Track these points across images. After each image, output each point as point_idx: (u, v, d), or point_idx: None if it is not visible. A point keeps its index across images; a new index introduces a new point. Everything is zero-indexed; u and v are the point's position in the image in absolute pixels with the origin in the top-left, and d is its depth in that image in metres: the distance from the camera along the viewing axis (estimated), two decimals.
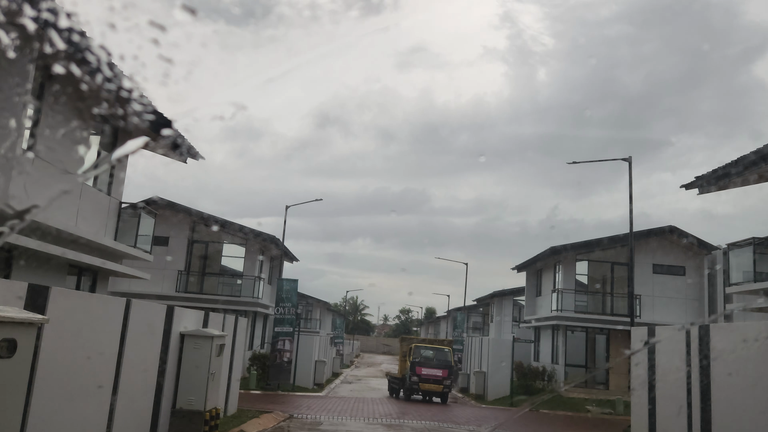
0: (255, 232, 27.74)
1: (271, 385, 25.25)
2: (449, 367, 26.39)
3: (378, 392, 30.05)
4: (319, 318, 62.65)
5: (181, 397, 9.08)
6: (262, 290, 29.48)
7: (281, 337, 25.36)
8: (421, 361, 26.05)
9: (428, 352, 27.14)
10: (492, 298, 44.17)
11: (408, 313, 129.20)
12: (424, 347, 27.66)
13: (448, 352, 27.56)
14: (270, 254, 31.95)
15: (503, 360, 27.56)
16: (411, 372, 25.71)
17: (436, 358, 26.50)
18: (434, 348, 27.81)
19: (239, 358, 14.82)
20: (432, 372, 25.71)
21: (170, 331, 8.83)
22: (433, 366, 25.93)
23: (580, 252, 28.57)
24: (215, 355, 9.39)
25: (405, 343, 30.19)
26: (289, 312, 25.53)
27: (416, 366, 25.77)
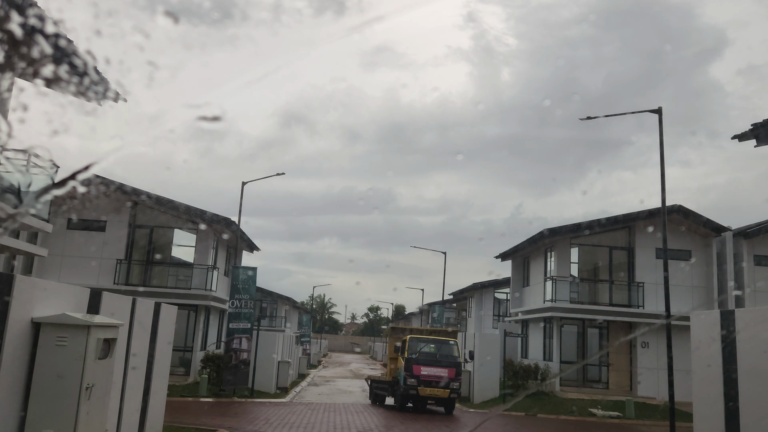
0: (207, 215, 23.97)
1: (226, 391, 21.58)
2: (456, 365, 21.03)
3: (350, 396, 26.59)
4: (284, 315, 58.92)
5: (31, 428, 5.45)
6: (217, 282, 25.72)
7: (237, 335, 21.70)
8: (421, 358, 20.88)
9: (429, 345, 21.64)
10: (470, 292, 41.07)
11: (377, 311, 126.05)
12: (423, 339, 22.05)
13: (454, 346, 21.88)
14: (226, 242, 28.19)
15: (491, 357, 24.36)
16: (407, 372, 20.45)
17: (439, 354, 21.28)
18: (437, 340, 22.03)
19: (163, 360, 11.19)
20: (435, 372, 20.44)
21: (7, 316, 5.22)
22: (437, 364, 20.71)
23: (576, 236, 25.56)
24: (95, 357, 5.78)
25: (396, 335, 24.12)
26: (246, 305, 21.88)
27: (414, 365, 20.53)
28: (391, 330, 24.55)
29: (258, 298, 56.52)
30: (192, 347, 25.00)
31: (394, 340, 23.38)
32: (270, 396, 23.17)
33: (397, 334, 24.15)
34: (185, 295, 24.65)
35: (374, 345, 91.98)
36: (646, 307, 24.62)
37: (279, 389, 25.19)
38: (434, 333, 24.05)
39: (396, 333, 24.42)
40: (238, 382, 21.66)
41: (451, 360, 21.17)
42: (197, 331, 25.11)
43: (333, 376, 41.07)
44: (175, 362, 25.10)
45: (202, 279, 24.95)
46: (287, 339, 30.02)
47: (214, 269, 25.45)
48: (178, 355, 25.39)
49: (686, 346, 25.45)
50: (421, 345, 21.60)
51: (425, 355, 21.14)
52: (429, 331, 24.47)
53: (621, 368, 25.24)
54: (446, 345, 21.88)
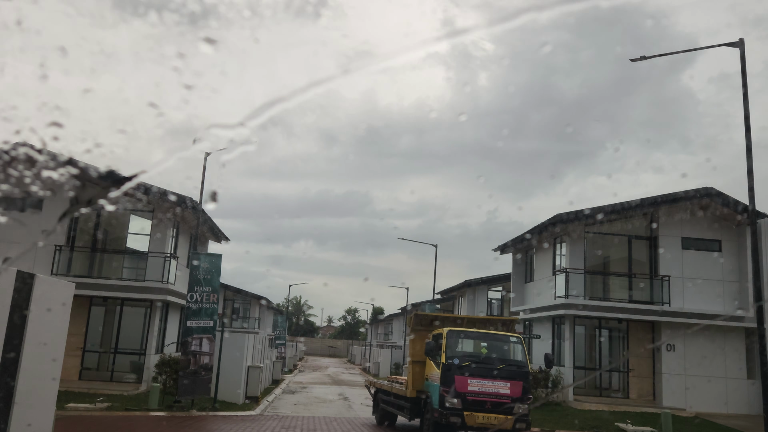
0: (163, 193, 20.25)
1: (182, 402, 17.93)
2: (524, 376, 13.67)
3: (330, 406, 23.07)
4: (258, 317, 55.13)
5: None
6: (176, 274, 22.04)
7: (196, 335, 18.05)
8: (468, 364, 13.53)
9: (479, 344, 14.43)
10: (461, 290, 37.80)
11: (355, 313, 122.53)
12: (471, 334, 14.65)
13: (519, 345, 14.37)
14: (189, 230, 24.48)
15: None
16: (445, 387, 13.25)
17: (496, 358, 13.95)
18: (490, 336, 14.59)
19: (47, 354, 7.59)
20: (492, 388, 13.26)
21: None
22: (493, 375, 13.43)
23: (591, 224, 22.38)
24: None
25: (422, 326, 16.01)
26: (208, 299, 18.25)
27: (457, 375, 13.30)
28: (414, 318, 15.97)
29: (230, 297, 53.12)
30: (145, 350, 21.27)
31: (418, 334, 15.79)
32: (237, 408, 19.55)
33: (423, 324, 15.96)
34: (138, 288, 20.95)
35: (352, 348, 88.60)
36: (673, 305, 21.52)
37: (248, 399, 21.56)
38: (484, 324, 16.14)
39: (422, 323, 15.99)
40: (198, 392, 18.02)
41: (515, 368, 13.73)
42: (151, 331, 21.39)
43: (310, 381, 37.46)
44: (125, 368, 21.37)
45: (159, 270, 21.25)
46: (259, 341, 26.41)
47: (173, 258, 21.76)
48: (128, 360, 21.66)
49: (719, 350, 22.58)
50: (467, 342, 14.45)
51: (474, 360, 13.78)
52: (477, 321, 16.51)
53: (643, 374, 22.09)
54: (506, 343, 14.30)
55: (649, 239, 22.75)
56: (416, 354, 15.59)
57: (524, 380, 13.57)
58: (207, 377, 18.19)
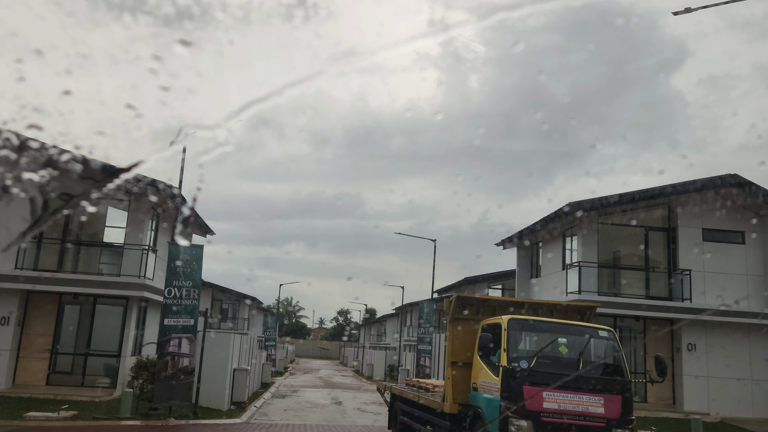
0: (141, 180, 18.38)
1: (159, 410, 16.12)
2: (623, 386, 9.50)
3: (323, 411, 21.29)
4: (247, 317, 53.28)
5: None
6: (154, 268, 20.21)
7: (175, 335, 16.23)
8: (545, 371, 9.55)
9: (556, 340, 10.10)
10: (460, 288, 36.12)
11: (347, 314, 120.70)
12: (543, 324, 10.41)
13: (611, 343, 10.19)
14: (171, 221, 22.64)
15: None
16: (508, 401, 9.25)
17: (584, 363, 9.99)
18: (570, 329, 10.35)
19: None
20: (579, 405, 9.17)
21: None
22: (582, 386, 9.33)
23: (605, 213, 20.75)
24: None
25: (466, 314, 11.49)
26: (188, 295, 16.44)
27: (527, 385, 9.29)
28: (455, 302, 11.46)
29: (218, 298, 51.21)
30: (120, 351, 19.41)
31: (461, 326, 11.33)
32: (221, 415, 17.75)
33: (468, 311, 11.46)
34: (113, 283, 19.09)
35: (344, 350, 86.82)
36: (694, 301, 19.90)
37: (234, 405, 19.77)
38: (550, 311, 11.57)
39: (466, 309, 11.49)
40: (176, 398, 16.21)
41: (610, 375, 9.73)
42: (128, 331, 19.54)
43: (301, 384, 35.65)
44: (99, 371, 19.51)
45: (136, 264, 19.40)
46: (247, 342, 24.60)
47: (151, 251, 19.91)
48: (102, 362, 19.81)
49: (744, 349, 20.99)
50: (538, 337, 10.47)
51: (553, 364, 9.90)
52: (542, 307, 11.65)
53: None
54: (592, 339, 10.08)
55: (667, 231, 21.14)
56: (457, 353, 11.11)
57: (624, 393, 9.32)
58: (187, 381, 16.38)
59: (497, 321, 10.22)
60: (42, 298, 19.32)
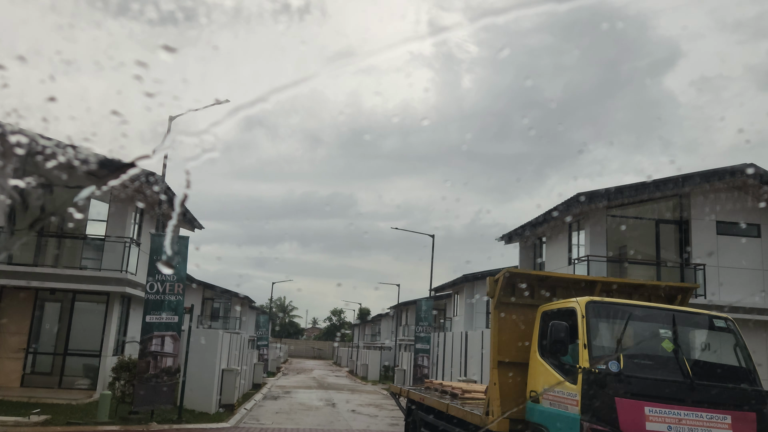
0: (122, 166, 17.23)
1: (140, 413, 14.94)
2: (757, 400, 6.86)
3: (317, 414, 20.16)
4: (239, 317, 52.07)
5: None
6: (137, 262, 19.02)
7: (157, 332, 15.05)
8: (643, 377, 6.80)
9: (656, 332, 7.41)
10: (458, 286, 35.06)
11: (341, 314, 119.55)
12: (639, 310, 7.51)
13: (730, 335, 7.41)
14: (156, 213, 21.43)
15: None
16: (592, 419, 6.59)
17: (695, 362, 7.24)
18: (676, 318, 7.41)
19: None
20: (698, 424, 6.50)
21: None
22: (699, 398, 6.65)
23: (615, 205, 19.71)
24: None
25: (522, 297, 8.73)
26: (172, 290, 15.26)
27: (625, 397, 6.57)
28: (504, 281, 8.57)
29: (209, 296, 49.98)
30: (100, 351, 18.21)
31: (513, 312, 8.63)
32: (208, 419, 16.59)
33: (520, 294, 8.78)
34: (93, 278, 17.90)
35: (338, 350, 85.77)
36: (708, 297, 18.88)
37: (222, 407, 18.62)
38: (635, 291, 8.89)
39: (520, 290, 8.80)
40: (159, 400, 15.03)
41: (733, 383, 7.12)
42: (109, 329, 18.34)
43: (294, 385, 34.50)
44: (77, 372, 18.31)
45: (117, 257, 18.21)
46: (237, 340, 23.44)
47: (134, 244, 18.72)
48: (81, 363, 18.60)
49: (760, 346, 19.96)
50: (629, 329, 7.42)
51: (652, 366, 7.15)
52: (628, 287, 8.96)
53: None
54: (707, 333, 7.83)
55: (679, 224, 20.12)
56: (506, 349, 8.43)
57: (759, 408, 6.80)
58: (170, 383, 15.21)
59: (568, 305, 7.51)
60: (16, 294, 18.11)
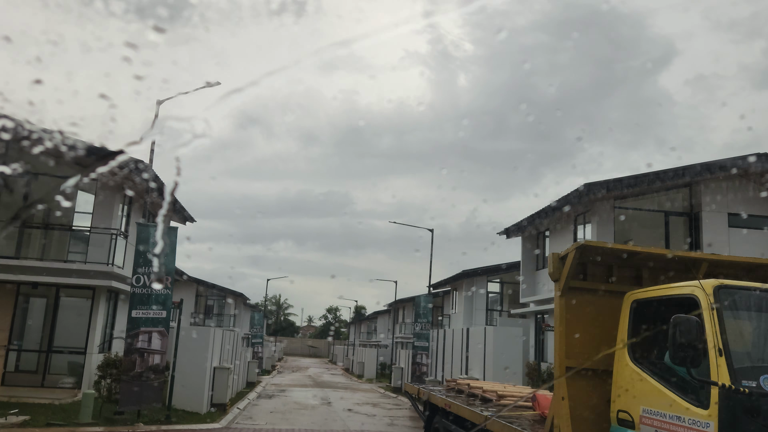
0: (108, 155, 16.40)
1: (125, 414, 14.13)
2: None
3: (313, 413, 19.39)
4: (233, 313, 51.27)
5: None
6: (124, 255, 18.19)
7: (144, 328, 14.24)
8: None
9: None
10: (457, 282, 34.31)
11: (336, 312, 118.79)
12: None
13: None
14: (145, 205, 20.59)
15: (512, 361, 17.56)
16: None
17: None
18: None
19: None
20: None
21: None
22: None
23: (622, 196, 18.97)
24: None
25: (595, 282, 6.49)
26: (159, 284, 14.44)
27: None
28: (577, 256, 6.28)
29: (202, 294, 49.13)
30: (86, 347, 17.37)
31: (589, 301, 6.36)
32: (198, 419, 15.79)
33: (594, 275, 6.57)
34: (77, 272, 17.06)
35: (333, 348, 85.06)
36: None
37: (214, 407, 17.83)
38: (759, 276, 6.31)
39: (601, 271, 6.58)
40: (147, 400, 14.22)
41: None
42: (94, 325, 17.51)
43: (289, 383, 33.72)
44: (62, 370, 17.47)
45: (103, 250, 17.38)
46: (231, 338, 22.63)
47: (121, 236, 17.89)
48: (66, 360, 17.77)
49: None
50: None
51: None
52: (743, 267, 6.58)
53: None
54: None
55: (689, 216, 19.40)
56: (577, 350, 6.19)
57: None
58: (158, 381, 14.40)
59: (682, 291, 5.32)
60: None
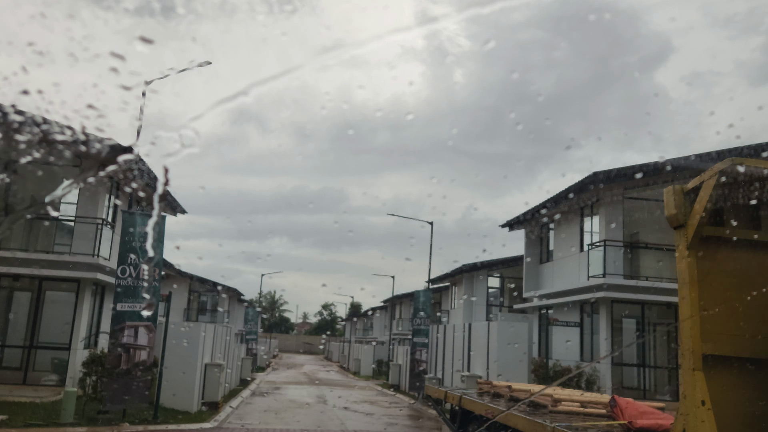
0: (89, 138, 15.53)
1: (110, 413, 13.29)
2: None
3: (309, 413, 18.60)
4: (227, 309, 50.37)
5: None
6: (110, 246, 17.32)
7: (130, 323, 13.39)
8: None
9: None
10: (455, 277, 33.53)
11: (331, 308, 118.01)
12: None
13: None
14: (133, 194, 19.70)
15: (519, 357, 16.79)
16: None
17: None
18: None
19: None
20: None
21: None
22: None
23: (631, 186, 18.22)
24: None
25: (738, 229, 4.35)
26: (146, 276, 13.60)
27: None
28: (719, 183, 4.32)
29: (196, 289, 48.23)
30: (70, 343, 16.52)
31: (742, 263, 4.42)
32: (188, 419, 14.97)
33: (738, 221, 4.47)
34: (61, 263, 16.19)
35: (329, 344, 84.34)
36: None
37: (205, 405, 17.02)
38: None
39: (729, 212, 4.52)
40: (132, 398, 13.39)
41: None
42: (80, 319, 16.65)
43: (284, 381, 32.94)
44: (45, 366, 16.62)
45: (88, 241, 16.51)
46: (223, 333, 21.80)
47: (107, 226, 17.02)
48: (50, 357, 16.91)
49: None
50: None
51: None
52: None
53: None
54: None
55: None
56: (721, 332, 4.32)
57: None
58: (145, 379, 13.57)
59: None
60: None
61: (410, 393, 25.29)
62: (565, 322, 15.84)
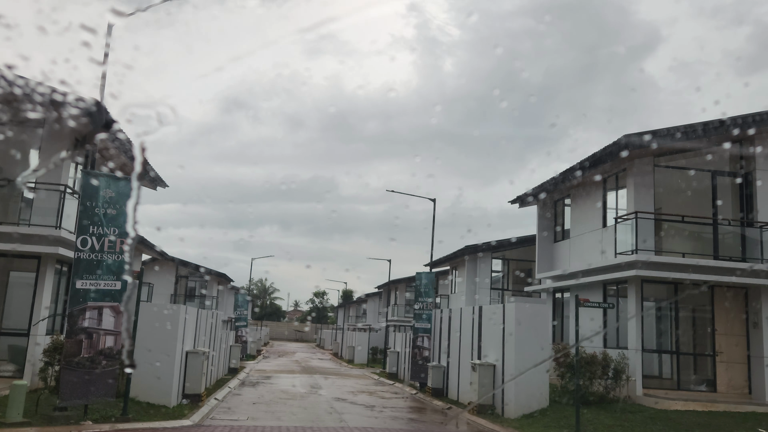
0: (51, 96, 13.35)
1: (68, 410, 11.26)
2: None
3: (302, 405, 16.65)
4: (216, 295, 48.38)
5: None
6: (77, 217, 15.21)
7: (92, 303, 11.34)
8: None
9: None
10: (456, 260, 31.62)
11: (323, 296, 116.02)
12: None
13: None
14: (106, 157, 17.55)
15: (540, 343, 14.87)
16: None
17: None
18: None
19: None
20: None
21: None
22: None
23: (661, 153, 16.28)
24: None
25: None
26: (112, 247, 11.53)
27: None
28: None
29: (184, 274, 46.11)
30: (28, 329, 14.44)
31: None
32: (164, 414, 12.98)
33: None
34: (16, 237, 14.07)
35: (321, 332, 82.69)
36: None
37: (186, 398, 15.03)
38: None
39: None
40: (96, 392, 11.36)
41: None
42: (40, 301, 14.57)
43: (275, 369, 31.01)
44: (2, 355, 14.57)
45: (50, 211, 14.39)
46: (208, 317, 19.78)
47: (72, 195, 14.90)
48: (5, 343, 14.84)
49: None
50: None
51: None
52: None
53: (733, 359, 16.16)
54: None
55: (738, 175, 16.76)
56: None
57: None
58: (110, 369, 11.53)
59: None
60: None
61: (411, 382, 23.42)
62: (597, 303, 13.97)
